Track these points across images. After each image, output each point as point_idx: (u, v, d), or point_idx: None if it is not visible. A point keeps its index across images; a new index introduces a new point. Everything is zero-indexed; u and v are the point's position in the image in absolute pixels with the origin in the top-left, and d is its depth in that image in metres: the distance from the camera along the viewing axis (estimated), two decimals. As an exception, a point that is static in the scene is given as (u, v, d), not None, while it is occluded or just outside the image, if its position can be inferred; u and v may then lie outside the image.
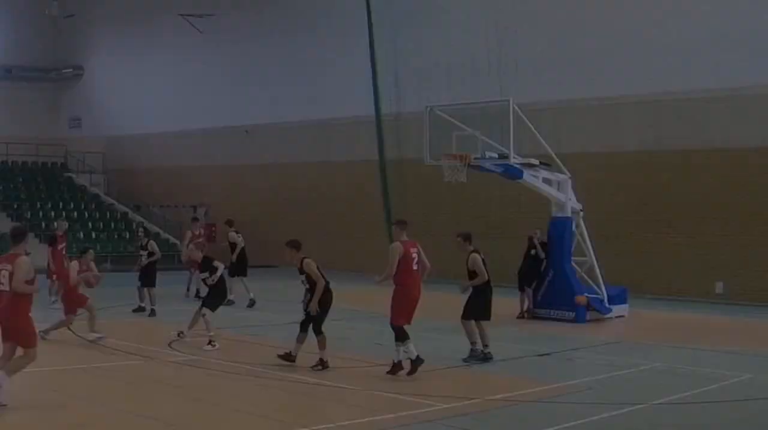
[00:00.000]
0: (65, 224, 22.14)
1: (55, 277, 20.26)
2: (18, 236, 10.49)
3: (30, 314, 10.39)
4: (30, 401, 11.23)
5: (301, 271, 13.13)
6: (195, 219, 24.98)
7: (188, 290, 23.19)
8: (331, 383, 12.10)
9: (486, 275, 14.10)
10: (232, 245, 21.96)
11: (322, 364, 12.97)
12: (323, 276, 13.12)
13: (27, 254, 10.49)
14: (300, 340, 13.16)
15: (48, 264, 20.66)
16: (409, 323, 12.93)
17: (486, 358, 14.13)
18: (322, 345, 13.02)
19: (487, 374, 13.42)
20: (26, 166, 43.09)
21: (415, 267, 12.96)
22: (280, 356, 13.19)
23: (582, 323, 18.87)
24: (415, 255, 13.02)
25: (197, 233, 23.25)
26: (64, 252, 20.72)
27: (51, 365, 13.43)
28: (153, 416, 10.07)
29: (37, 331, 10.71)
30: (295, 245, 13.30)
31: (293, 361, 13.09)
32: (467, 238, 14.34)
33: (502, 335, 16.81)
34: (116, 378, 12.32)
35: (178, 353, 14.37)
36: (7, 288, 10.14)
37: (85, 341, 15.16)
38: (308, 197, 34.13)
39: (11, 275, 10.08)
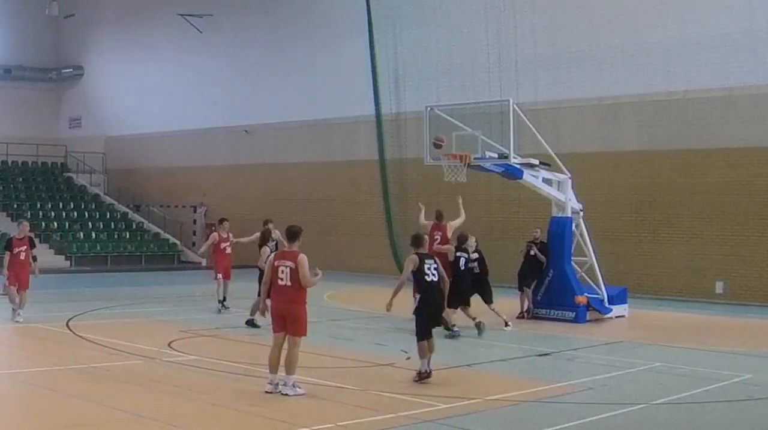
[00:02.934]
0: (26, 227, 18.84)
1: (8, 283, 17.98)
2: (293, 235, 11.49)
3: (306, 306, 11.50)
4: (29, 400, 11.24)
5: None
6: (223, 220, 21.48)
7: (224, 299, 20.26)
8: (331, 383, 12.09)
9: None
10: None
11: (419, 375, 12.09)
12: (422, 276, 12.45)
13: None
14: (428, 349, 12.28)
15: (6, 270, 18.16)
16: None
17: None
18: (420, 352, 12.17)
19: (487, 374, 13.42)
20: (26, 166, 43.12)
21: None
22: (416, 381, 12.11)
23: (582, 323, 18.87)
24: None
25: (225, 235, 20.61)
26: (23, 257, 17.96)
27: (50, 365, 13.46)
28: (153, 416, 10.06)
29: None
30: (412, 241, 12.99)
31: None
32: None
33: (503, 335, 16.84)
34: (116, 378, 12.31)
35: (178, 353, 14.37)
36: (288, 283, 11.22)
37: None
38: (308, 197, 34.13)
39: (292, 271, 11.17)
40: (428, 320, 12.42)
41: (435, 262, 12.69)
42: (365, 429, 9.77)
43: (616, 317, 20.00)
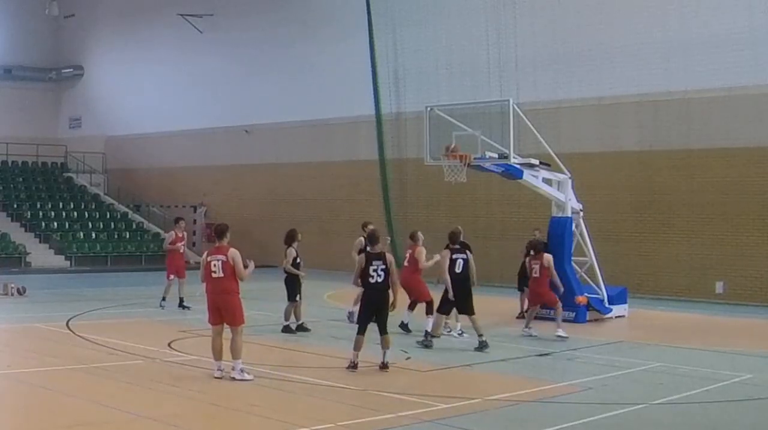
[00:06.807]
0: None
1: None
2: (221, 233, 12.42)
3: (239, 296, 12.31)
4: (29, 400, 11.24)
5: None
6: (179, 219, 21.87)
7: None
8: (331, 383, 12.09)
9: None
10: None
11: (349, 365, 12.96)
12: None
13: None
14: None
15: None
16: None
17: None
18: (354, 344, 12.97)
19: (487, 374, 13.41)
20: (26, 166, 43.10)
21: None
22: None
23: (582, 323, 18.87)
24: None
25: (181, 235, 21.04)
26: None
27: (50, 365, 13.46)
28: (153, 416, 10.06)
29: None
30: (368, 239, 13.75)
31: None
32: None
33: (503, 335, 16.83)
34: (116, 378, 12.30)
35: (178, 353, 14.38)
36: (221, 274, 12.05)
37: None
38: (308, 197, 34.12)
39: (224, 263, 12.03)
40: (367, 317, 12.94)
41: (384, 263, 12.87)
42: (365, 429, 9.77)
43: (616, 317, 20.00)
